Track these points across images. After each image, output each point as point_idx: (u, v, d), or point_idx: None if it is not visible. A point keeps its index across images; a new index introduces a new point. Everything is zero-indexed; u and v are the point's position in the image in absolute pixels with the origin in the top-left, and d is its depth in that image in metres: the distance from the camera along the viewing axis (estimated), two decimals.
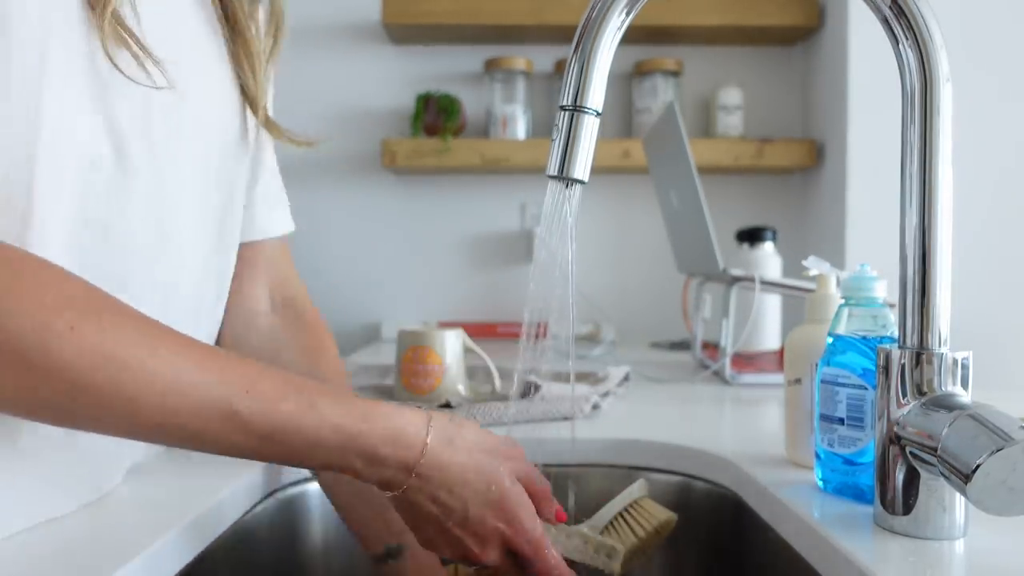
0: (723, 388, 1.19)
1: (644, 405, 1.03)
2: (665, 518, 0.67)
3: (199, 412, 0.46)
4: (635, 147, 1.80)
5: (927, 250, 0.52)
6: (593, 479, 0.81)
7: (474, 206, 1.98)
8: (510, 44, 1.94)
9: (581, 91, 0.52)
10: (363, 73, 1.96)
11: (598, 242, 1.97)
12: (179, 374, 0.46)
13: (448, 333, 0.97)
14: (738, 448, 0.77)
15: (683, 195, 1.30)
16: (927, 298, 0.52)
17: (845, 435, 0.60)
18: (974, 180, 1.57)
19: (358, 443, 0.50)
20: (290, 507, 0.76)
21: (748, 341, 1.36)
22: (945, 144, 0.52)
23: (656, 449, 0.81)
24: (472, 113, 1.93)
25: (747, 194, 1.97)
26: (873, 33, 0.71)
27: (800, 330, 0.70)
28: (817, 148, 1.84)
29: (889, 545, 0.51)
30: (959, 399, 0.50)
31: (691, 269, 1.48)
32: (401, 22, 1.83)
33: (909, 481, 0.52)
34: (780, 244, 1.60)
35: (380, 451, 0.51)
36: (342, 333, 1.92)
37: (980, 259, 1.60)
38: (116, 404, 0.44)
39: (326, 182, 1.96)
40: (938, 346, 0.52)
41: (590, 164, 0.54)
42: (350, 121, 1.96)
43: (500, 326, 1.86)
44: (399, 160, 1.83)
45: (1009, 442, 0.44)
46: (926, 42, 0.51)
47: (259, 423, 0.47)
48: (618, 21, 0.52)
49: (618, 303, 1.93)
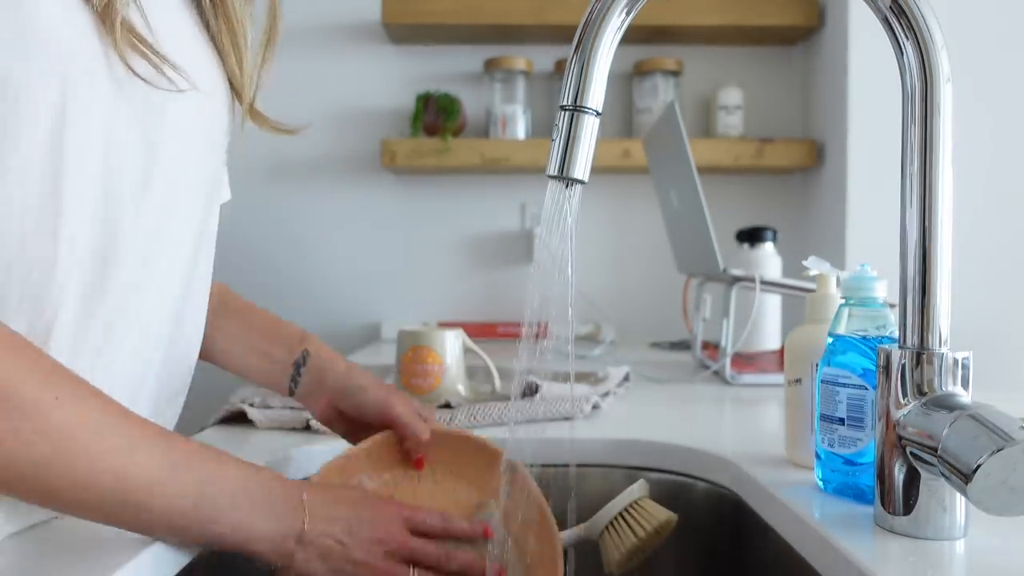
0: (723, 388, 1.19)
1: (644, 405, 1.03)
2: (665, 518, 0.67)
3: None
4: (635, 147, 1.80)
5: (927, 250, 0.52)
6: (593, 479, 0.81)
7: (474, 206, 1.98)
8: (510, 44, 1.94)
9: (581, 91, 0.52)
10: (363, 73, 1.96)
11: (598, 242, 1.96)
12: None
13: (448, 333, 0.97)
14: (738, 448, 0.77)
15: (683, 195, 1.30)
16: (927, 298, 0.52)
17: (845, 435, 0.60)
18: (974, 180, 1.57)
19: (237, 544, 0.51)
20: None
21: (748, 341, 1.36)
22: (945, 144, 0.52)
23: (656, 449, 0.81)
24: (472, 113, 1.93)
25: (747, 194, 1.96)
26: (873, 33, 0.71)
27: (800, 330, 0.70)
28: (817, 148, 1.84)
29: (889, 545, 0.51)
30: (959, 399, 0.50)
31: (691, 269, 1.48)
32: (401, 22, 1.83)
33: (909, 481, 0.52)
34: (780, 244, 1.60)
35: (260, 551, 0.51)
36: (342, 333, 1.92)
37: (980, 259, 1.60)
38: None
39: (326, 182, 1.96)
40: (938, 346, 0.52)
41: (590, 164, 0.54)
42: (350, 121, 1.96)
43: (500, 326, 1.86)
44: (399, 160, 1.83)
45: (1009, 442, 0.44)
46: (926, 42, 0.51)
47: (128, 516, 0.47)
48: (618, 21, 0.52)
49: (618, 303, 1.93)
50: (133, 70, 0.50)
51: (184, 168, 0.58)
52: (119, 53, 0.50)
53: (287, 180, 1.94)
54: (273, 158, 1.93)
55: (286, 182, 1.94)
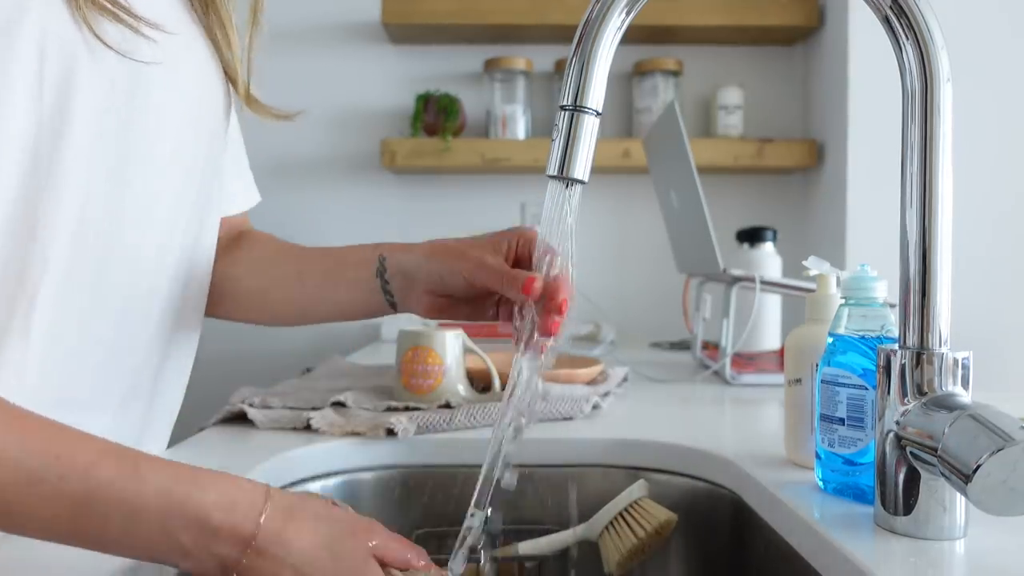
0: (723, 388, 1.19)
1: (644, 405, 1.03)
2: (665, 518, 0.67)
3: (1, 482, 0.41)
4: (635, 147, 1.80)
5: (927, 250, 0.52)
6: (593, 479, 0.81)
7: (474, 206, 1.98)
8: (510, 44, 1.94)
9: (581, 91, 0.52)
10: (363, 73, 1.96)
11: (598, 242, 1.96)
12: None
13: (448, 333, 0.97)
14: (738, 448, 0.77)
15: (683, 195, 1.30)
16: (927, 298, 0.52)
17: (845, 435, 0.60)
18: (974, 180, 1.57)
19: (186, 508, 0.43)
20: None
21: (748, 341, 1.36)
22: (945, 144, 0.52)
23: (656, 449, 0.81)
24: (472, 113, 1.93)
25: (747, 194, 1.96)
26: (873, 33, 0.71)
27: (800, 330, 0.70)
28: (817, 148, 1.84)
29: (889, 545, 0.51)
30: (959, 399, 0.50)
31: (691, 269, 1.48)
32: (401, 22, 1.83)
33: (909, 481, 0.52)
34: (780, 244, 1.59)
35: (212, 517, 0.44)
36: (342, 333, 1.92)
37: (980, 259, 1.60)
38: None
39: (326, 182, 1.96)
40: (938, 346, 0.52)
41: (590, 164, 0.54)
42: (350, 121, 1.96)
43: (500, 326, 1.86)
44: (399, 160, 1.83)
45: (1009, 442, 0.44)
46: (927, 42, 0.51)
47: (71, 489, 0.42)
48: (618, 21, 0.52)
49: (618, 303, 1.93)
50: (101, 38, 0.51)
51: (177, 145, 0.60)
52: (84, 16, 0.50)
53: (287, 180, 1.94)
54: (273, 158, 1.93)
55: (286, 182, 1.94)
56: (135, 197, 0.58)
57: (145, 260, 0.61)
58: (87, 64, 0.51)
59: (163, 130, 0.59)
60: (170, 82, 0.58)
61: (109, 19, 0.51)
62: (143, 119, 0.57)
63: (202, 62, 0.63)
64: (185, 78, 0.60)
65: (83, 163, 0.52)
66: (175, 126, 0.60)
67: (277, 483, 0.74)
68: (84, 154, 0.52)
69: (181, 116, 0.61)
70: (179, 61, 0.59)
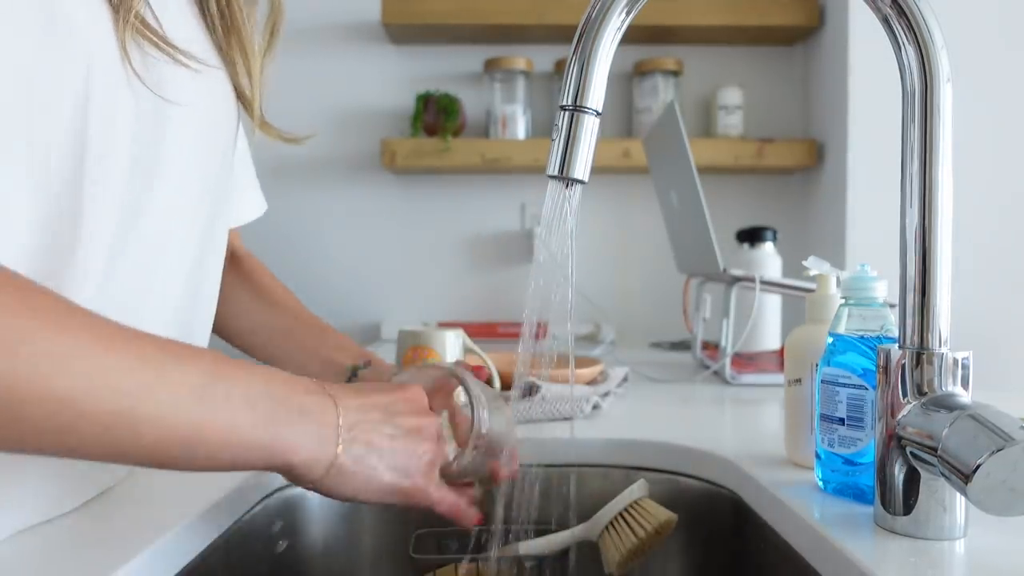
0: (723, 388, 1.19)
1: (644, 405, 1.03)
2: (665, 518, 0.67)
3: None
4: (635, 147, 1.80)
5: (927, 250, 0.52)
6: (593, 479, 0.81)
7: (474, 206, 1.98)
8: (510, 44, 1.94)
9: (581, 91, 0.52)
10: (363, 73, 1.96)
11: (598, 242, 1.96)
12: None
13: (448, 333, 0.97)
14: (738, 448, 0.77)
15: (683, 195, 1.30)
16: (927, 298, 0.52)
17: (845, 435, 0.60)
18: (974, 180, 1.57)
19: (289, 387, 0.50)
20: (290, 507, 0.75)
21: (748, 341, 1.36)
22: (945, 144, 0.52)
23: (656, 449, 0.81)
24: (472, 113, 1.93)
25: (747, 194, 1.96)
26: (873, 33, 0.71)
27: (800, 330, 0.70)
28: (817, 148, 1.84)
29: (889, 545, 0.51)
30: (959, 399, 0.50)
31: (691, 269, 1.48)
32: (401, 22, 1.83)
33: (909, 481, 0.52)
34: (780, 244, 1.60)
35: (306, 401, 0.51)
36: (342, 333, 1.92)
37: (980, 259, 1.60)
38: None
39: (326, 182, 1.96)
40: (938, 346, 0.52)
41: (590, 164, 0.54)
42: (350, 121, 1.96)
43: (500, 326, 1.86)
44: (399, 160, 1.83)
45: (1009, 442, 0.44)
46: (926, 42, 0.51)
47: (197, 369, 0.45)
48: (618, 21, 0.52)
49: (618, 303, 1.93)
50: (133, 67, 0.51)
51: (188, 169, 0.59)
52: (131, 40, 0.50)
53: (287, 180, 1.94)
54: (273, 158, 1.92)
55: (286, 182, 1.94)
56: (155, 216, 0.57)
57: (164, 274, 0.60)
58: (126, 90, 0.51)
59: (178, 155, 0.58)
60: (187, 115, 0.58)
61: (148, 44, 0.52)
62: (164, 148, 0.56)
63: (216, 83, 0.63)
64: (203, 110, 0.59)
65: (121, 182, 0.52)
66: (191, 145, 0.59)
67: (274, 483, 0.74)
68: (124, 176, 0.52)
69: (194, 140, 0.60)
70: (199, 93, 0.59)
